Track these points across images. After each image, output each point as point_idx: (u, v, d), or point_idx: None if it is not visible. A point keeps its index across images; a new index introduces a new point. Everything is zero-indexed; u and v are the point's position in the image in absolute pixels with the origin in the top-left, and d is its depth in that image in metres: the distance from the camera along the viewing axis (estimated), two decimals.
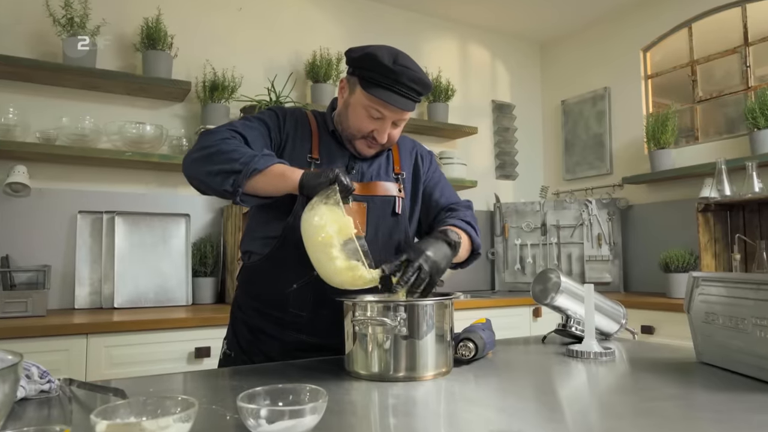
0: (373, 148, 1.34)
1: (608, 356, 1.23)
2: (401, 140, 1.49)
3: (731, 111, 3.14)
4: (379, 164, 1.40)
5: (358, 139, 1.33)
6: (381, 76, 1.24)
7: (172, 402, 0.70)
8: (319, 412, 0.70)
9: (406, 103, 1.27)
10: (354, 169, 1.36)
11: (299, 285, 1.26)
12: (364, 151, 1.35)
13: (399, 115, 1.30)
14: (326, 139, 1.37)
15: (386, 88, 1.25)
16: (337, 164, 1.31)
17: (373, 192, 1.35)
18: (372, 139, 1.31)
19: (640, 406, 0.86)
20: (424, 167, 1.48)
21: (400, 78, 1.24)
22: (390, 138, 1.33)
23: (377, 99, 1.25)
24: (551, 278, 1.36)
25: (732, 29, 3.12)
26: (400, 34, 3.61)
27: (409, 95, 1.27)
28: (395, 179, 1.41)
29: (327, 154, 1.35)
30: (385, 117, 1.28)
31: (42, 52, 2.56)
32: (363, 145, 1.34)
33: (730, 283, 1.06)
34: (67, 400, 0.92)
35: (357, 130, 1.31)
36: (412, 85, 1.26)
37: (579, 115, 3.90)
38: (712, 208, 2.90)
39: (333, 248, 1.07)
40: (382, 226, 1.35)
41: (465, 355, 1.16)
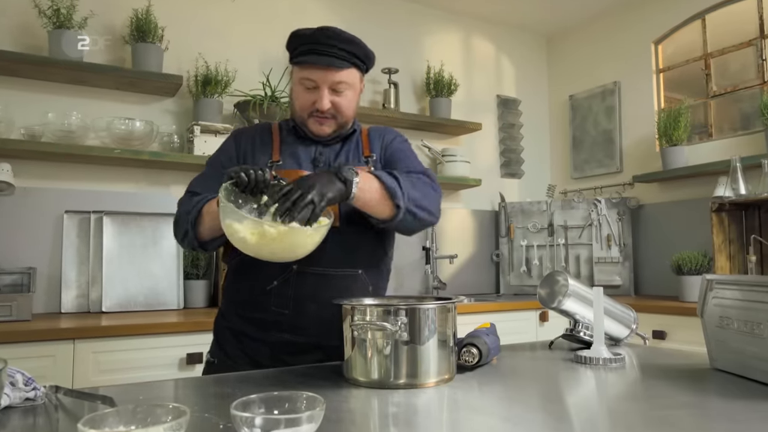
0: (325, 123, 1.38)
1: (618, 362, 1.23)
2: (374, 129, 1.52)
3: (746, 106, 3.14)
4: (346, 152, 1.45)
5: (308, 119, 1.38)
6: (302, 45, 1.33)
7: (163, 410, 0.70)
8: (316, 420, 0.70)
9: (331, 60, 1.31)
10: (321, 162, 1.41)
11: (280, 281, 1.32)
12: (317, 130, 1.39)
13: (330, 76, 1.32)
14: (289, 140, 1.44)
15: (307, 52, 1.32)
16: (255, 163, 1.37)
17: None
18: (317, 111, 1.35)
19: (651, 415, 0.86)
20: (390, 143, 1.49)
21: (319, 38, 1.31)
22: (337, 106, 1.36)
23: (302, 65, 1.33)
24: (558, 281, 1.36)
25: (747, 21, 3.12)
26: (401, 26, 3.61)
27: (332, 53, 1.31)
28: (365, 162, 1.44)
29: (290, 152, 1.41)
30: (317, 82, 1.33)
31: (27, 45, 2.56)
32: (314, 124, 1.38)
33: (745, 286, 1.06)
34: (53, 408, 0.92)
35: (301, 108, 1.38)
36: (331, 41, 1.31)
37: (588, 110, 3.90)
38: (727, 208, 2.90)
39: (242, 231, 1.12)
40: (354, 214, 1.31)
41: (468, 361, 1.16)
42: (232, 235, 1.14)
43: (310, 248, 1.17)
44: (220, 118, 2.84)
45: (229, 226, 1.13)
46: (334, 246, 1.31)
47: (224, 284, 1.49)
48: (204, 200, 1.32)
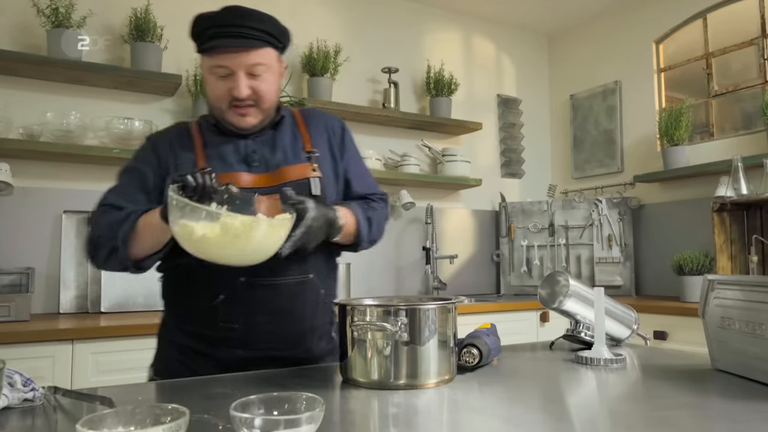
0: (247, 114, 1.26)
1: (619, 363, 1.23)
2: (309, 114, 1.42)
3: (748, 106, 3.14)
4: (283, 148, 1.33)
5: (227, 111, 1.26)
6: (208, 29, 1.21)
7: (162, 411, 0.70)
8: (315, 421, 0.70)
9: (241, 41, 1.20)
10: (255, 160, 1.30)
11: (227, 295, 1.23)
12: (239, 123, 1.27)
13: (243, 59, 1.21)
14: (211, 137, 1.31)
15: (215, 36, 1.20)
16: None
17: (281, 179, 1.28)
18: (235, 101, 1.24)
19: (652, 416, 0.86)
20: (340, 144, 1.41)
21: (225, 19, 1.20)
22: (257, 92, 1.25)
23: (210, 52, 1.22)
24: (559, 281, 1.36)
25: (749, 20, 3.12)
26: (400, 25, 3.61)
27: (240, 33, 1.19)
28: (307, 158, 1.33)
29: (217, 154, 1.29)
30: (230, 68, 1.21)
31: (25, 44, 2.56)
32: (235, 116, 1.26)
33: (747, 286, 1.06)
34: (52, 409, 0.92)
35: (217, 99, 1.26)
36: (240, 20, 1.20)
37: (588, 110, 3.90)
38: (728, 208, 2.90)
39: (199, 231, 1.03)
40: None
41: (469, 361, 1.16)
42: (188, 238, 1.04)
43: (277, 245, 1.09)
44: None
45: (184, 227, 1.03)
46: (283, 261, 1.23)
47: (163, 294, 1.38)
48: (136, 214, 1.20)
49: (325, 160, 1.37)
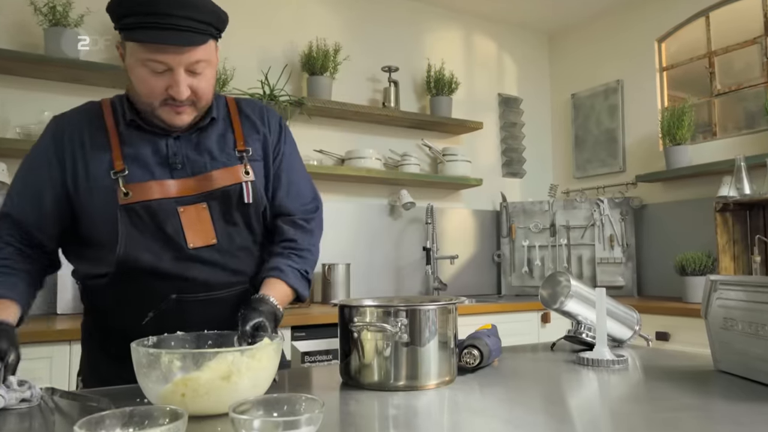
0: (183, 112, 1.12)
1: (621, 364, 1.23)
2: (245, 106, 1.27)
3: (751, 105, 3.14)
4: (209, 147, 1.18)
5: (159, 108, 1.11)
6: (140, 15, 1.03)
7: (160, 412, 0.70)
8: (315, 423, 0.70)
9: (184, 36, 1.04)
10: (178, 162, 1.15)
11: (156, 314, 1.15)
12: (174, 121, 1.12)
13: (185, 56, 1.06)
14: (129, 132, 1.15)
15: (151, 27, 1.03)
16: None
17: (210, 186, 1.15)
18: (172, 100, 1.09)
19: (654, 417, 0.86)
20: (277, 143, 1.27)
21: (163, 8, 1.02)
22: (196, 91, 1.11)
23: (146, 45, 1.04)
24: (561, 282, 1.36)
25: (752, 18, 3.12)
26: (401, 24, 3.61)
27: (184, 26, 1.04)
28: (239, 159, 1.19)
29: (135, 155, 1.14)
30: (170, 65, 1.06)
31: (23, 43, 2.56)
32: (169, 114, 1.12)
33: (750, 286, 1.06)
34: (50, 410, 0.92)
35: (148, 96, 1.10)
36: (182, 12, 1.03)
37: (590, 109, 3.90)
38: (731, 208, 2.89)
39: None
40: (232, 224, 1.18)
41: (469, 363, 1.16)
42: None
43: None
44: None
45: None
46: (214, 265, 1.16)
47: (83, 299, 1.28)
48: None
49: (259, 157, 1.23)
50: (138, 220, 1.12)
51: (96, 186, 1.12)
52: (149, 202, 1.12)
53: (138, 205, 1.11)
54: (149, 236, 1.13)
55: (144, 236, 1.12)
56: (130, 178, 1.12)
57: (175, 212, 1.13)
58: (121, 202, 1.10)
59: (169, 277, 1.14)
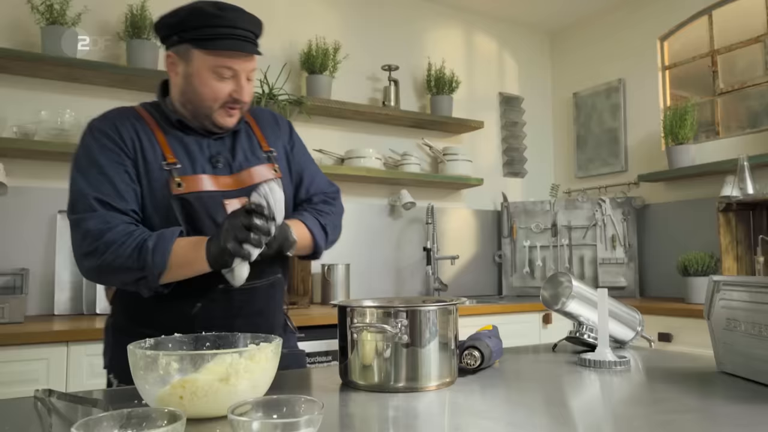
0: (234, 114, 1.28)
1: (623, 366, 1.23)
2: (258, 113, 1.44)
3: (754, 104, 3.14)
4: (242, 148, 1.33)
5: (216, 111, 1.26)
6: (214, 27, 1.21)
7: (158, 414, 0.70)
8: (314, 425, 0.70)
9: (251, 47, 1.25)
10: (219, 161, 1.29)
11: (205, 302, 1.23)
12: (226, 123, 1.28)
13: (248, 64, 1.26)
14: (173, 132, 1.29)
15: (225, 37, 1.21)
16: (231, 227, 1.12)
17: (249, 182, 1.29)
18: (232, 102, 1.25)
19: (656, 419, 0.86)
20: (290, 142, 1.45)
21: (235, 22, 1.22)
22: (249, 95, 1.30)
23: (223, 52, 1.21)
24: (562, 282, 1.36)
25: (755, 16, 3.12)
26: (401, 21, 3.61)
27: (249, 38, 1.24)
28: (267, 159, 1.36)
29: (182, 151, 1.27)
30: (237, 71, 1.24)
31: (19, 41, 2.56)
32: (223, 116, 1.27)
33: (753, 287, 1.06)
34: (47, 412, 0.92)
35: (212, 99, 1.24)
36: (248, 26, 1.24)
37: (592, 108, 3.90)
38: (734, 208, 2.89)
39: None
40: None
41: (470, 364, 1.16)
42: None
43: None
44: None
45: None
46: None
47: (116, 299, 1.33)
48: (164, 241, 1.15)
49: (281, 159, 1.39)
50: (191, 210, 1.22)
51: (152, 177, 1.23)
52: (200, 194, 1.23)
53: (191, 196, 1.22)
54: (201, 226, 1.23)
55: (196, 226, 1.23)
56: (182, 171, 1.24)
57: (221, 204, 1.25)
58: (175, 192, 1.22)
59: None
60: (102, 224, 1.16)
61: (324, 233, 1.38)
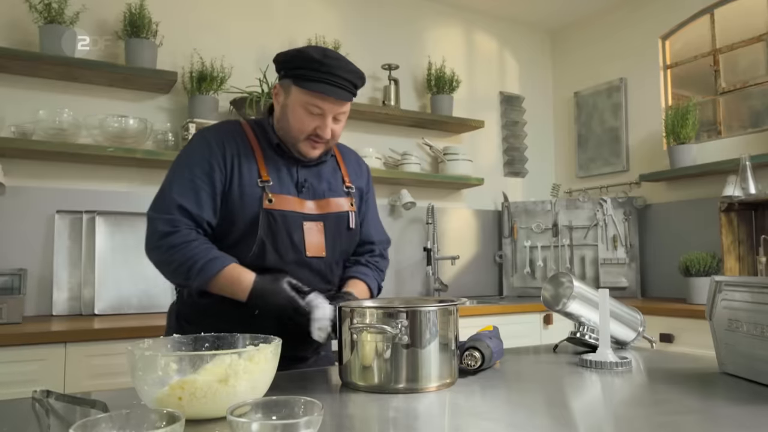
0: (318, 147, 1.42)
1: (624, 366, 1.23)
2: (345, 151, 1.61)
3: (756, 103, 3.14)
4: (327, 179, 1.49)
5: (302, 141, 1.40)
6: (313, 71, 1.35)
7: (157, 415, 0.70)
8: (314, 426, 0.70)
9: (343, 93, 1.37)
10: (305, 187, 1.44)
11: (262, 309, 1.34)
12: (309, 153, 1.42)
13: (337, 107, 1.38)
14: (270, 153, 1.44)
15: (320, 81, 1.35)
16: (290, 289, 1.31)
17: (327, 210, 1.46)
18: (315, 136, 1.39)
19: (658, 420, 0.86)
20: (366, 187, 1.61)
21: (334, 69, 1.35)
22: (333, 134, 1.41)
23: (314, 93, 1.35)
24: (563, 283, 1.36)
25: (757, 15, 3.12)
26: (401, 21, 3.61)
27: (343, 86, 1.37)
28: (346, 193, 1.52)
29: (275, 172, 1.42)
30: (325, 111, 1.37)
31: (17, 40, 2.56)
32: (307, 147, 1.41)
33: (755, 287, 1.06)
34: (45, 413, 0.92)
35: (299, 131, 1.39)
36: (346, 75, 1.36)
37: (593, 108, 3.90)
38: (736, 208, 2.90)
39: None
40: (338, 242, 1.47)
41: (471, 365, 1.16)
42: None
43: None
44: (215, 115, 2.84)
45: None
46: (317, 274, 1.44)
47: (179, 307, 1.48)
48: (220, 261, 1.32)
49: (357, 197, 1.56)
50: (274, 224, 1.37)
51: (246, 191, 1.38)
52: (285, 212, 1.39)
53: (277, 212, 1.38)
54: (279, 240, 1.38)
55: (275, 239, 1.37)
56: (273, 189, 1.40)
57: (300, 225, 1.41)
58: (265, 207, 1.37)
59: None
60: (170, 227, 1.33)
61: (379, 289, 1.61)
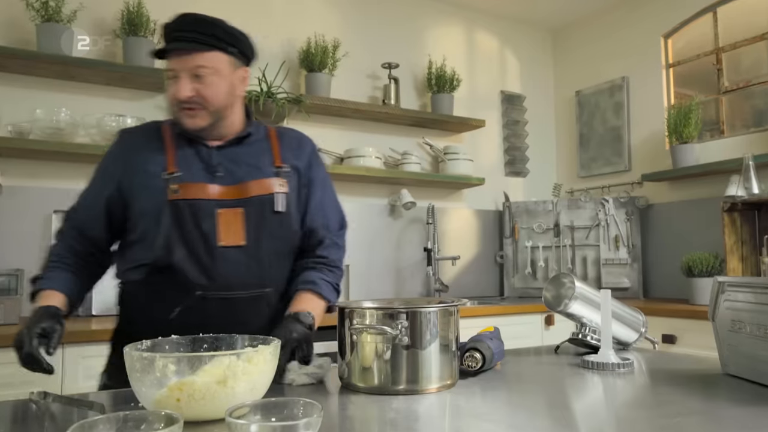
0: (196, 115, 1.31)
1: (626, 368, 1.23)
2: (287, 132, 1.50)
3: (759, 102, 3.14)
4: (249, 161, 1.38)
5: (178, 113, 1.32)
6: (165, 37, 1.31)
7: (155, 417, 0.70)
8: (313, 427, 0.70)
9: (185, 45, 1.28)
10: (220, 172, 1.35)
11: (183, 309, 1.28)
12: (187, 123, 1.32)
13: (187, 62, 1.28)
14: (182, 144, 1.37)
15: (169, 41, 1.30)
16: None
17: (248, 193, 1.34)
18: (183, 103, 1.29)
19: (660, 422, 0.86)
20: (308, 167, 1.46)
21: (178, 26, 1.29)
22: (201, 93, 1.29)
23: (167, 57, 1.30)
24: (565, 283, 1.36)
25: (760, 14, 3.12)
26: (401, 19, 3.61)
27: (185, 37, 1.28)
28: (275, 173, 1.38)
29: (185, 160, 1.34)
30: (176, 70, 1.29)
31: (14, 39, 2.56)
32: (184, 117, 1.32)
33: (758, 288, 1.06)
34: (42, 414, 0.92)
35: (169, 103, 1.33)
36: (189, 26, 1.29)
37: (595, 107, 3.90)
38: (739, 208, 2.89)
39: None
40: (264, 229, 1.35)
41: (471, 366, 1.16)
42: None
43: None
44: None
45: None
46: (239, 266, 1.31)
47: (119, 302, 1.44)
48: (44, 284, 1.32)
49: (294, 175, 1.42)
50: (180, 215, 1.29)
51: (150, 183, 1.32)
52: (192, 201, 1.31)
53: (182, 202, 1.30)
54: (187, 231, 1.30)
55: (182, 231, 1.29)
56: (179, 179, 1.32)
57: (213, 213, 1.31)
58: (170, 198, 1.29)
59: (196, 272, 1.29)
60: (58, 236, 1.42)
61: (336, 293, 1.44)
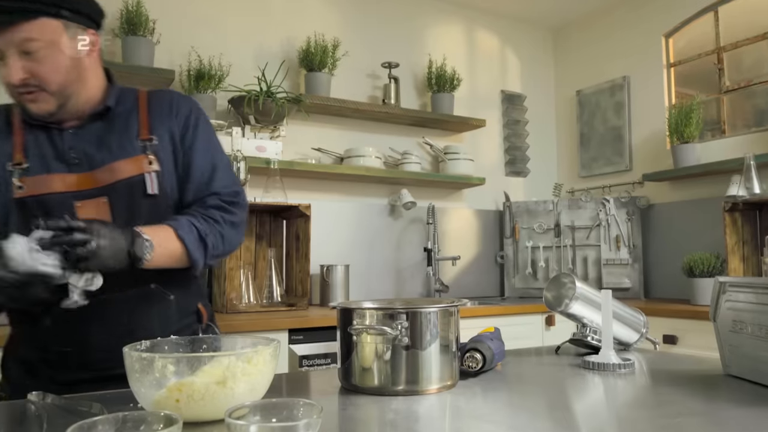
0: (39, 99, 1.13)
1: (627, 368, 1.23)
2: (155, 96, 1.29)
3: (761, 102, 3.14)
4: (110, 140, 1.19)
5: (18, 98, 1.15)
6: None
7: (155, 418, 0.70)
8: (313, 428, 0.70)
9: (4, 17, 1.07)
10: (75, 157, 1.16)
11: (53, 318, 1.12)
12: (38, 110, 1.14)
13: (12, 35, 1.07)
14: (34, 132, 1.18)
15: None
16: None
17: (111, 179, 1.16)
18: (19, 87, 1.11)
19: (661, 423, 0.86)
20: (184, 128, 1.25)
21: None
22: (38, 74, 1.11)
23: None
24: (565, 283, 1.36)
25: (762, 13, 3.12)
26: (401, 18, 3.61)
27: (4, 6, 1.07)
28: (142, 149, 1.19)
29: (37, 149, 1.17)
30: (2, 51, 1.09)
31: None
32: (26, 102, 1.14)
33: (759, 288, 1.06)
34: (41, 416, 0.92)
35: (6, 89, 1.14)
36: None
37: (596, 106, 3.90)
38: (740, 208, 2.90)
39: None
40: (136, 217, 1.15)
41: (472, 366, 1.16)
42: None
43: None
44: (214, 114, 2.84)
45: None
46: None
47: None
48: None
49: (166, 147, 1.22)
50: (31, 214, 1.10)
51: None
52: (42, 197, 1.14)
53: (30, 199, 1.13)
54: None
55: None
56: (27, 172, 1.15)
57: (70, 206, 1.14)
58: (15, 196, 1.13)
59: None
60: None
61: (203, 244, 1.18)
